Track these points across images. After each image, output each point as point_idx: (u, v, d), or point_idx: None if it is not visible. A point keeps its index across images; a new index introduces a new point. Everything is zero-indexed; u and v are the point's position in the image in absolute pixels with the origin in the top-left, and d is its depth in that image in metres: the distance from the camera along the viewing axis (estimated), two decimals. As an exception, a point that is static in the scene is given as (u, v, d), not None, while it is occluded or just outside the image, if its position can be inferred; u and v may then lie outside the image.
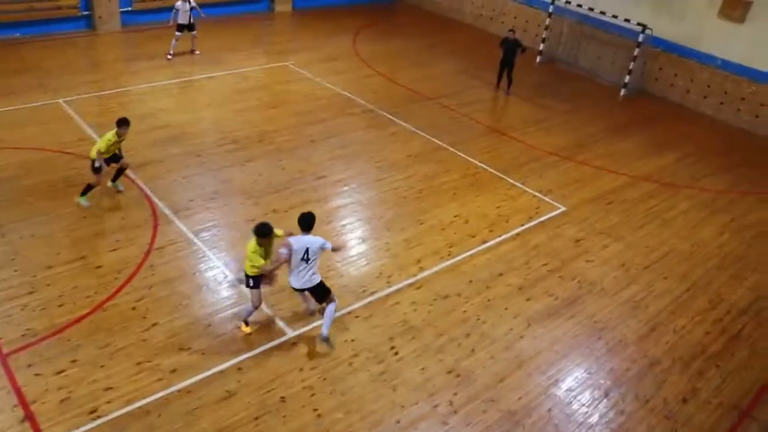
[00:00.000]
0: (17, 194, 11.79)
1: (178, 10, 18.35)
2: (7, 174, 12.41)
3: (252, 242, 8.62)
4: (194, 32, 18.98)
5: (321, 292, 8.95)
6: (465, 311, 10.09)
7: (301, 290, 9.03)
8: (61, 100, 15.39)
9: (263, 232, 8.52)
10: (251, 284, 8.94)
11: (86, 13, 20.16)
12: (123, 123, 11.22)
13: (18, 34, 19.10)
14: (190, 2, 18.52)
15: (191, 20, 18.68)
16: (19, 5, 18.85)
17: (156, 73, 17.59)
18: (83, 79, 16.88)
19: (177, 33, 18.59)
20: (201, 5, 21.85)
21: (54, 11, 19.53)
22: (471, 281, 10.73)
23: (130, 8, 20.88)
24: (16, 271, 9.92)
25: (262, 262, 8.59)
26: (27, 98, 15.27)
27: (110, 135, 11.22)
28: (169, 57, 18.69)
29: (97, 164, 11.21)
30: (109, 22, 20.39)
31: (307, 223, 8.68)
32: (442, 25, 24.72)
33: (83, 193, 11.58)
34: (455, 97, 17.98)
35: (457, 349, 9.31)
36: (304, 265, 8.64)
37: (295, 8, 24.45)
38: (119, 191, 12.16)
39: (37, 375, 8.20)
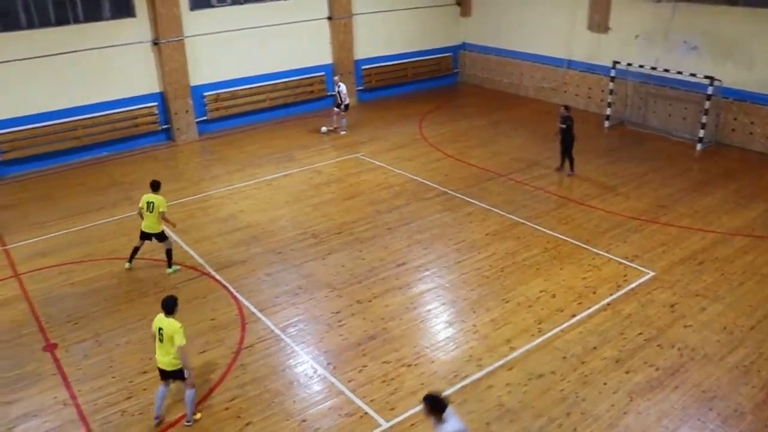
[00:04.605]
0: (111, 303, 12.30)
1: (342, 92, 21.62)
2: (100, 284, 13.00)
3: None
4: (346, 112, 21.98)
5: None
6: (562, 389, 9.70)
7: None
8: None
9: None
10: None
11: (165, 126, 21.41)
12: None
13: (104, 153, 20.37)
14: (339, 85, 21.55)
15: (340, 101, 21.59)
16: (103, 126, 20.19)
17: (233, 176, 18.32)
18: (166, 188, 17.52)
19: (336, 110, 21.88)
20: (272, 107, 23.17)
21: (136, 128, 20.83)
22: (565, 357, 10.36)
23: (205, 117, 22.05)
24: (113, 377, 10.25)
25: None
26: (115, 211, 16.11)
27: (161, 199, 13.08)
28: (343, 132, 21.77)
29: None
30: (186, 133, 21.54)
31: None
32: (505, 102, 24.97)
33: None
34: (526, 171, 17.93)
35: (558, 431, 8.91)
36: None
37: (361, 101, 25.29)
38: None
39: (139, 484, 8.31)
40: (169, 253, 13.32)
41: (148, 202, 12.94)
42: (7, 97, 18.56)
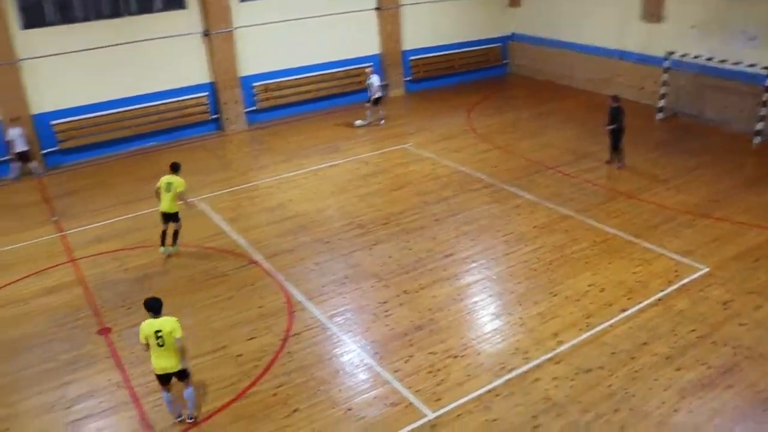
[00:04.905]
0: (162, 289, 12.51)
1: (372, 84, 21.31)
2: (152, 271, 13.33)
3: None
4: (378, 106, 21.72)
5: None
6: (610, 385, 9.56)
7: None
8: (196, 199, 16.37)
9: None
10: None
11: (215, 116, 21.72)
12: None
13: (156, 142, 20.79)
14: (370, 77, 21.25)
15: (380, 94, 21.40)
16: (155, 116, 20.63)
17: (281, 166, 18.51)
18: (215, 177, 18.00)
19: (370, 105, 21.56)
20: (319, 98, 23.28)
21: (186, 118, 21.20)
22: (613, 353, 10.21)
23: (254, 108, 22.29)
24: (165, 362, 10.47)
25: None
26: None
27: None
28: (383, 124, 21.67)
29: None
30: (236, 123, 21.82)
31: None
32: (554, 93, 24.61)
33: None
34: (575, 163, 17.67)
35: (606, 426, 8.79)
36: None
37: (408, 92, 25.25)
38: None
39: (188, 465, 8.52)
40: (176, 234, 13.78)
41: (167, 183, 13.33)
42: (63, 88, 19.09)
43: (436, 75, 25.93)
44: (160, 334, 8.61)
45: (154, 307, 8.77)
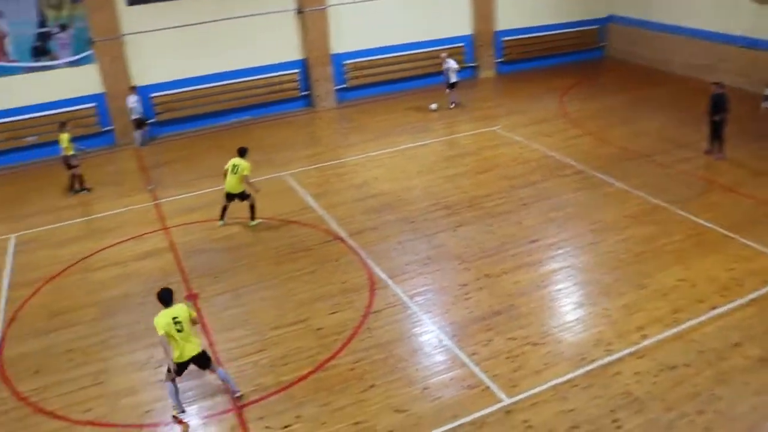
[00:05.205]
0: (250, 260, 12.98)
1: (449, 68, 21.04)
2: (239, 242, 13.76)
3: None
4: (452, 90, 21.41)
5: None
6: (696, 384, 9.19)
7: None
8: (284, 174, 16.77)
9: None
10: None
11: (306, 93, 22.06)
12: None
13: (247, 117, 21.36)
14: (446, 62, 21.06)
15: (456, 79, 21.18)
16: (247, 91, 21.21)
17: (369, 144, 18.66)
18: (303, 153, 18.34)
19: (447, 90, 21.31)
20: (409, 77, 23.23)
21: (278, 94, 21.63)
22: (701, 351, 9.80)
23: (344, 85, 22.49)
24: (248, 330, 10.83)
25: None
26: (256, 173, 16.71)
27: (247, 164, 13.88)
28: (451, 107, 21.38)
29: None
30: (326, 100, 22.11)
31: None
32: (652, 78, 23.66)
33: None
34: (671, 152, 16.96)
35: (689, 427, 8.47)
36: None
37: (499, 73, 24.87)
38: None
39: (267, 428, 8.82)
40: (252, 208, 14.27)
41: (234, 165, 13.90)
42: (163, 62, 19.90)
43: (528, 57, 25.41)
44: (177, 320, 8.81)
45: (166, 298, 8.95)
